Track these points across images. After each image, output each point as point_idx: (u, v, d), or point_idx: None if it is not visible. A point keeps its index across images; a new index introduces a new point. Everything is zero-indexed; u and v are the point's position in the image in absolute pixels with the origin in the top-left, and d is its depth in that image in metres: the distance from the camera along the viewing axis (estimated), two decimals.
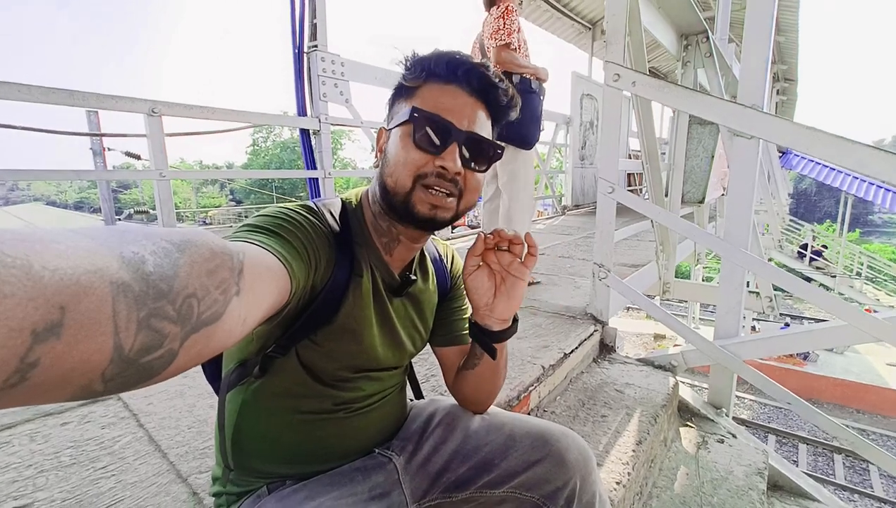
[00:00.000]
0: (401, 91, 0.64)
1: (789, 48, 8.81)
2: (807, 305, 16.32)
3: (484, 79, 0.62)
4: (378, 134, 0.67)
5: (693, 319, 10.50)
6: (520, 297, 0.68)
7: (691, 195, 2.95)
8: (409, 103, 0.61)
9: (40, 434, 1.09)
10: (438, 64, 0.61)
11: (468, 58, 0.62)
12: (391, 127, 0.63)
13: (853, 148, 1.36)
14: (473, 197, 0.64)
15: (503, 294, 0.67)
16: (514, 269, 0.66)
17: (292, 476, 0.67)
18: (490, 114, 0.65)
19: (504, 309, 0.68)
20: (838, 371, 9.60)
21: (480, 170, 0.63)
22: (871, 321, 1.41)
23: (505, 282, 0.67)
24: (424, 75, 0.62)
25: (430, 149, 0.59)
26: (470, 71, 0.61)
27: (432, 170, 0.59)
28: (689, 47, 2.54)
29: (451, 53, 0.62)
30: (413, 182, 0.59)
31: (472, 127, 0.61)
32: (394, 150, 0.61)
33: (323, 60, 2.96)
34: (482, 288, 0.67)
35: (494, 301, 0.67)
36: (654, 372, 1.82)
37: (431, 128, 0.59)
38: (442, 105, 0.60)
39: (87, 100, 2.03)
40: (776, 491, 1.65)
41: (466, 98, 0.61)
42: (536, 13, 6.81)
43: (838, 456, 7.21)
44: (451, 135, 0.59)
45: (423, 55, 0.63)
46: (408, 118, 0.59)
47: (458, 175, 0.60)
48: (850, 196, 10.81)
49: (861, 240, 26.42)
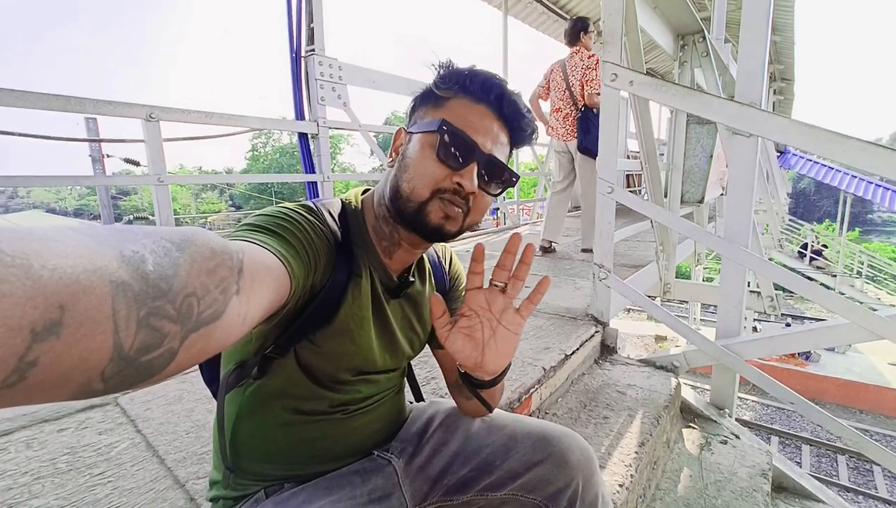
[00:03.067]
0: (429, 97, 0.64)
1: (785, 48, 8.83)
2: (808, 305, 16.30)
3: (514, 106, 0.62)
4: (396, 133, 0.66)
5: (694, 320, 10.49)
6: (512, 351, 0.61)
7: (690, 195, 2.95)
8: (438, 113, 0.61)
9: (37, 441, 1.08)
10: (474, 82, 0.61)
11: (503, 82, 0.62)
12: (414, 130, 0.62)
13: (850, 143, 1.35)
14: (478, 217, 0.64)
15: (492, 350, 0.59)
16: (506, 320, 0.59)
17: (290, 479, 0.66)
18: (511, 140, 0.65)
19: (496, 365, 0.61)
20: (840, 371, 9.57)
21: (492, 193, 0.63)
22: (873, 318, 1.41)
23: (495, 336, 0.59)
24: (457, 88, 0.62)
25: (452, 164, 0.59)
26: (502, 96, 0.61)
27: (450, 186, 0.59)
28: (685, 47, 2.54)
29: (487, 74, 0.62)
30: (431, 194, 0.59)
31: (494, 150, 0.61)
32: (414, 157, 0.60)
33: (321, 64, 2.96)
34: (466, 351, 0.59)
35: (483, 359, 0.59)
36: (656, 372, 1.81)
37: (456, 145, 0.59)
38: (470, 123, 0.60)
39: (85, 106, 2.03)
40: (780, 493, 1.64)
41: (493, 121, 0.61)
42: (533, 15, 6.83)
43: (842, 457, 7.18)
44: (474, 155, 0.59)
45: (458, 68, 0.63)
46: (435, 129, 0.59)
47: (472, 194, 0.60)
48: (848, 195, 10.82)
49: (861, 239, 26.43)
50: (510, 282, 0.60)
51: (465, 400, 0.76)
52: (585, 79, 3.03)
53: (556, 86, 3.22)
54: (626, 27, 1.83)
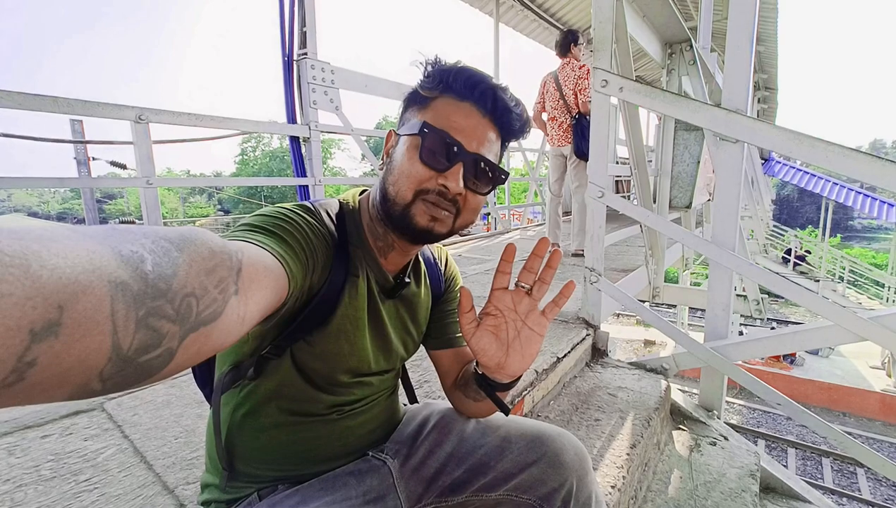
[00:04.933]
0: (415, 98, 0.63)
1: (769, 58, 9.06)
2: (792, 309, 16.60)
3: (500, 101, 0.61)
4: (387, 135, 0.66)
5: (682, 324, 10.61)
6: (535, 353, 0.60)
7: (678, 200, 3.00)
8: (422, 114, 0.60)
9: (19, 448, 1.06)
10: (457, 79, 0.60)
11: (487, 77, 0.61)
12: (401, 133, 0.62)
13: (834, 150, 1.39)
14: (471, 217, 0.63)
15: (516, 351, 0.59)
16: (532, 322, 0.59)
17: (284, 480, 0.65)
18: (500, 136, 0.63)
19: (518, 367, 0.60)
20: (824, 374, 9.75)
21: (481, 192, 0.62)
22: (856, 320, 1.44)
23: (520, 336, 0.59)
24: (441, 87, 0.61)
25: (435, 166, 0.58)
26: (486, 92, 0.60)
27: (434, 188, 0.58)
28: (673, 55, 2.59)
29: (471, 70, 0.61)
30: (414, 195, 0.58)
31: (481, 149, 0.60)
32: (399, 159, 0.60)
33: (313, 68, 2.96)
34: (490, 350, 0.59)
35: (507, 360, 0.59)
36: (647, 375, 1.83)
37: (439, 146, 0.58)
38: (453, 123, 0.59)
39: (73, 106, 2.00)
40: (768, 493, 1.66)
41: (479, 118, 0.60)
42: (524, 23, 6.92)
43: (826, 460, 7.29)
44: (458, 156, 0.58)
45: (443, 66, 0.61)
46: (417, 131, 0.58)
47: (459, 195, 0.59)
48: (830, 201, 11.08)
49: (842, 244, 27.04)
50: (535, 285, 0.60)
51: (472, 402, 0.72)
52: (578, 88, 3.18)
53: (550, 96, 3.38)
54: (616, 35, 1.86)
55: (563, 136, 3.34)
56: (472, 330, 0.59)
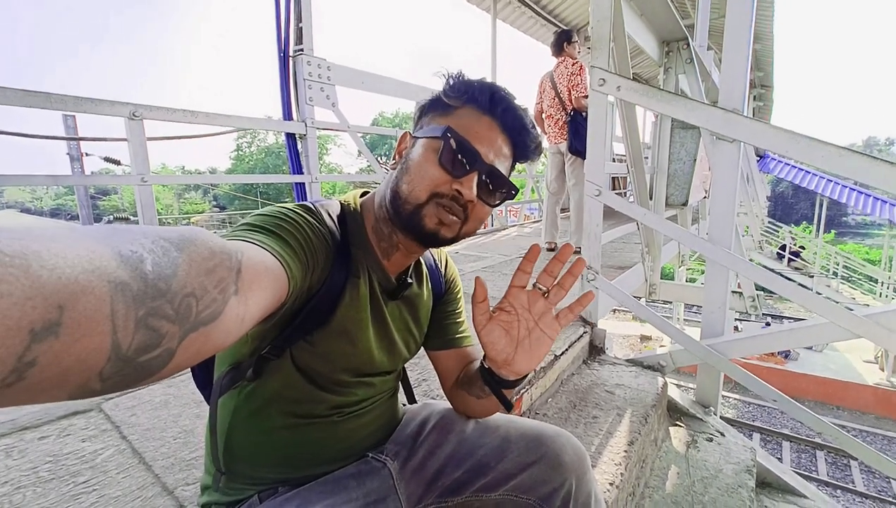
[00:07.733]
0: (437, 104, 0.65)
1: (765, 56, 9.07)
2: (786, 305, 16.72)
3: (519, 121, 0.63)
4: (401, 137, 0.67)
5: (678, 321, 10.68)
6: (543, 355, 0.62)
7: (675, 198, 3.01)
8: (444, 120, 0.62)
9: (17, 449, 1.05)
10: (483, 93, 0.62)
11: (510, 96, 0.64)
12: (418, 135, 0.63)
13: (828, 149, 1.40)
14: (475, 226, 0.65)
15: (525, 350, 0.61)
16: (545, 324, 0.61)
17: (284, 482, 0.65)
18: (514, 154, 0.66)
19: (525, 366, 0.62)
20: (818, 368, 9.84)
21: (490, 203, 0.64)
22: (851, 318, 1.45)
23: (530, 336, 0.61)
24: (465, 98, 0.63)
25: (452, 171, 0.59)
26: (509, 110, 0.63)
27: (448, 192, 0.59)
28: (670, 53, 2.59)
29: (496, 88, 0.63)
30: (428, 197, 0.59)
31: (496, 162, 0.62)
32: (416, 160, 0.61)
33: (309, 64, 2.94)
34: (499, 344, 0.61)
35: (515, 357, 0.61)
36: (644, 372, 1.84)
37: (459, 152, 0.59)
38: (475, 133, 0.61)
39: (66, 103, 1.98)
40: (764, 488, 1.68)
41: (499, 133, 0.63)
42: (521, 19, 6.90)
43: (820, 453, 7.38)
44: (476, 164, 0.60)
45: (468, 79, 0.64)
46: (440, 135, 0.60)
47: (470, 203, 0.61)
48: (825, 198, 11.15)
49: (836, 240, 27.23)
50: (553, 289, 0.61)
51: (474, 400, 0.73)
52: (572, 84, 3.23)
53: (546, 95, 3.42)
54: (613, 33, 1.86)
55: (560, 133, 3.37)
56: (483, 322, 0.61)
